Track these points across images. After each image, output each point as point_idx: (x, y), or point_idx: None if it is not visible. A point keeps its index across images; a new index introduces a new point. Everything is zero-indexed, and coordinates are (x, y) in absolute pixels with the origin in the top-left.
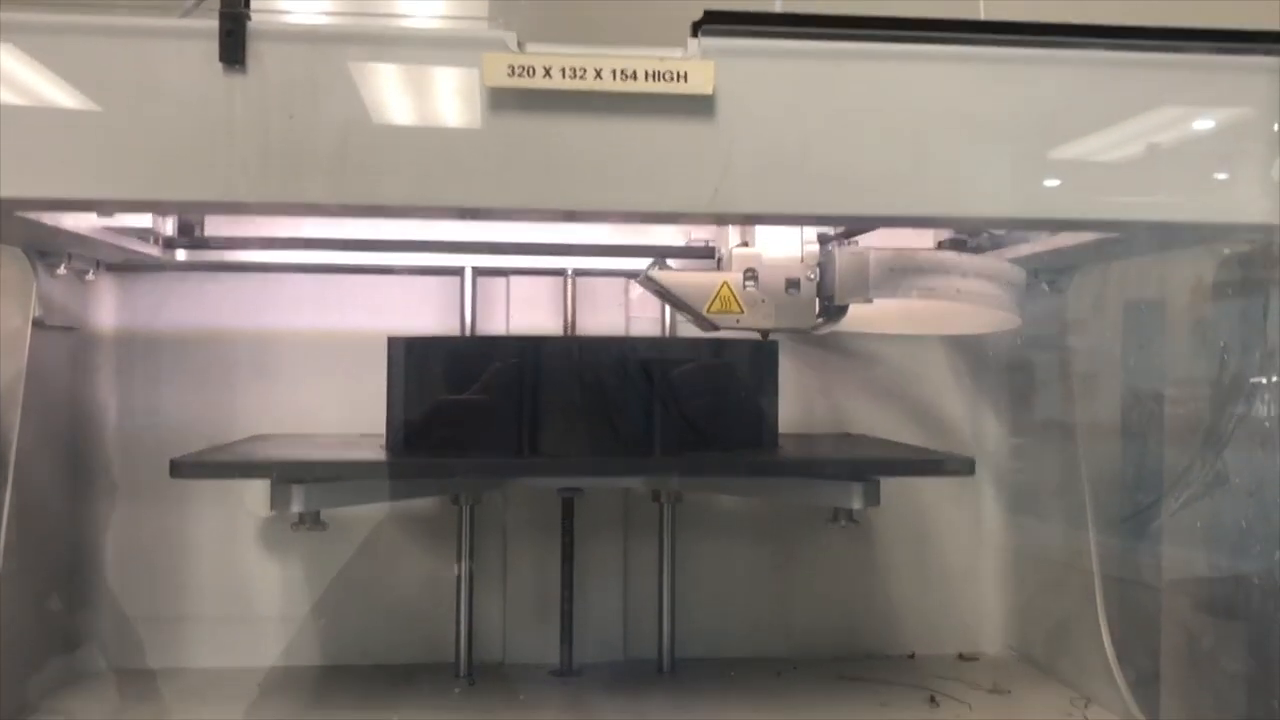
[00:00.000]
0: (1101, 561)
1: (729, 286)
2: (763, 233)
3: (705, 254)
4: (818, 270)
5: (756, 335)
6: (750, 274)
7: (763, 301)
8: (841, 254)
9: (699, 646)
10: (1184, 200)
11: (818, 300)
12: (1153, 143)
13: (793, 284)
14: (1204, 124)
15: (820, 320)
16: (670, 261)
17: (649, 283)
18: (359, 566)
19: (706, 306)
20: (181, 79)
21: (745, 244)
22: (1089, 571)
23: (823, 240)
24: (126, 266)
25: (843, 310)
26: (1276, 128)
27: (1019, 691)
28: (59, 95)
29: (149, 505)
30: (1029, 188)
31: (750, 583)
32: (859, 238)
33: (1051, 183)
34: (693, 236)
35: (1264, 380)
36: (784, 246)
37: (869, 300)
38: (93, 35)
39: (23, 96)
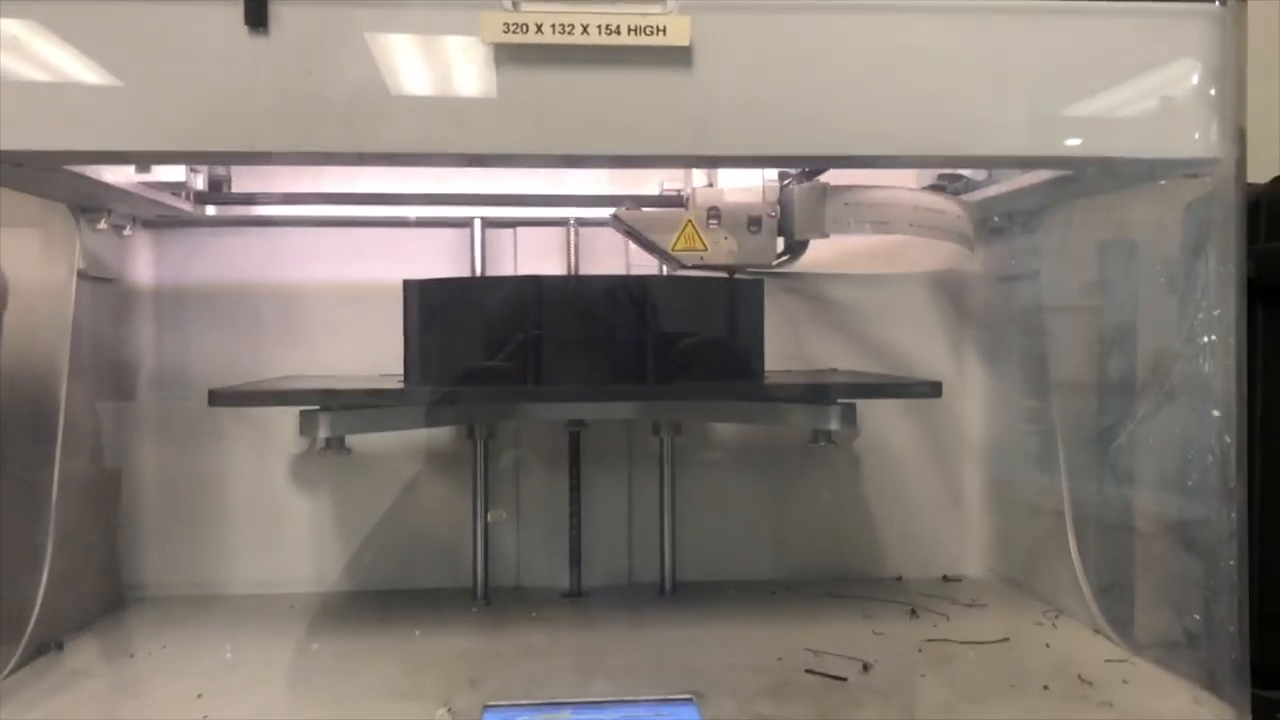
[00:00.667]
0: (1071, 484)
1: (693, 224)
2: (726, 174)
3: (676, 201)
4: (778, 208)
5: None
6: (714, 212)
7: (725, 238)
8: (800, 190)
9: (698, 571)
10: (1131, 138)
11: (780, 238)
12: (1104, 86)
13: (754, 221)
14: (1150, 68)
15: (785, 257)
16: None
17: (617, 222)
18: (382, 499)
19: (671, 244)
20: (210, 40)
21: (710, 184)
22: (1061, 496)
23: (783, 179)
24: (160, 222)
25: (803, 246)
26: (1211, 76)
27: (995, 607)
28: (101, 57)
29: (184, 444)
30: (989, 128)
31: (745, 512)
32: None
33: (1010, 123)
34: (665, 187)
35: (1203, 308)
36: (745, 185)
37: (826, 235)
38: (132, 1)
39: (69, 59)
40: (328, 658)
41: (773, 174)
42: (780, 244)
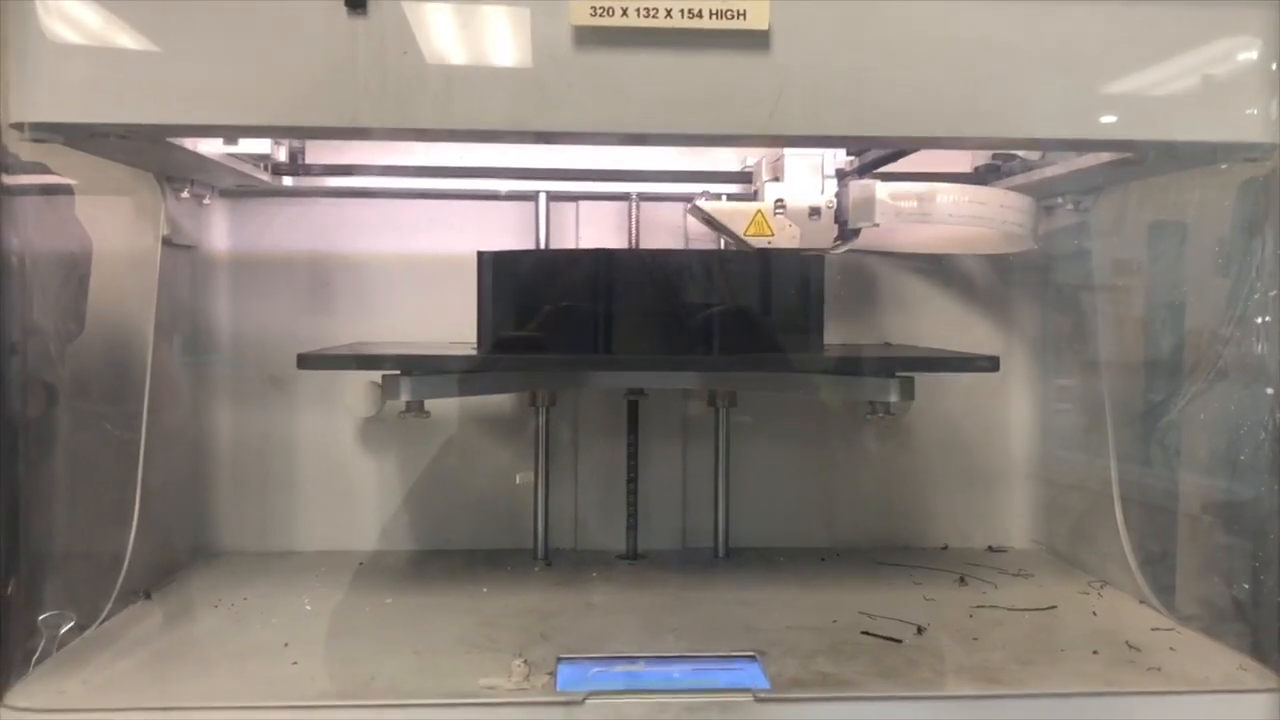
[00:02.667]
0: (1119, 460)
1: (762, 213)
2: (790, 170)
3: (744, 178)
4: (835, 200)
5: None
6: (780, 204)
7: (790, 226)
8: (853, 186)
9: (750, 537)
10: (1193, 122)
11: (836, 225)
12: (1166, 71)
13: (815, 211)
14: (1210, 53)
15: (839, 241)
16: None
17: (697, 211)
18: (447, 463)
19: (744, 230)
20: (314, 23)
21: (776, 179)
22: (1109, 470)
23: (840, 175)
24: (237, 192)
25: (855, 233)
26: (1274, 60)
27: (1041, 576)
28: (210, 36)
29: (258, 407)
30: (1056, 112)
31: (796, 481)
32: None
33: (1074, 107)
34: (747, 164)
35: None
36: (808, 181)
37: (876, 225)
38: None
39: (179, 39)
40: (401, 611)
41: (831, 169)
42: (836, 230)
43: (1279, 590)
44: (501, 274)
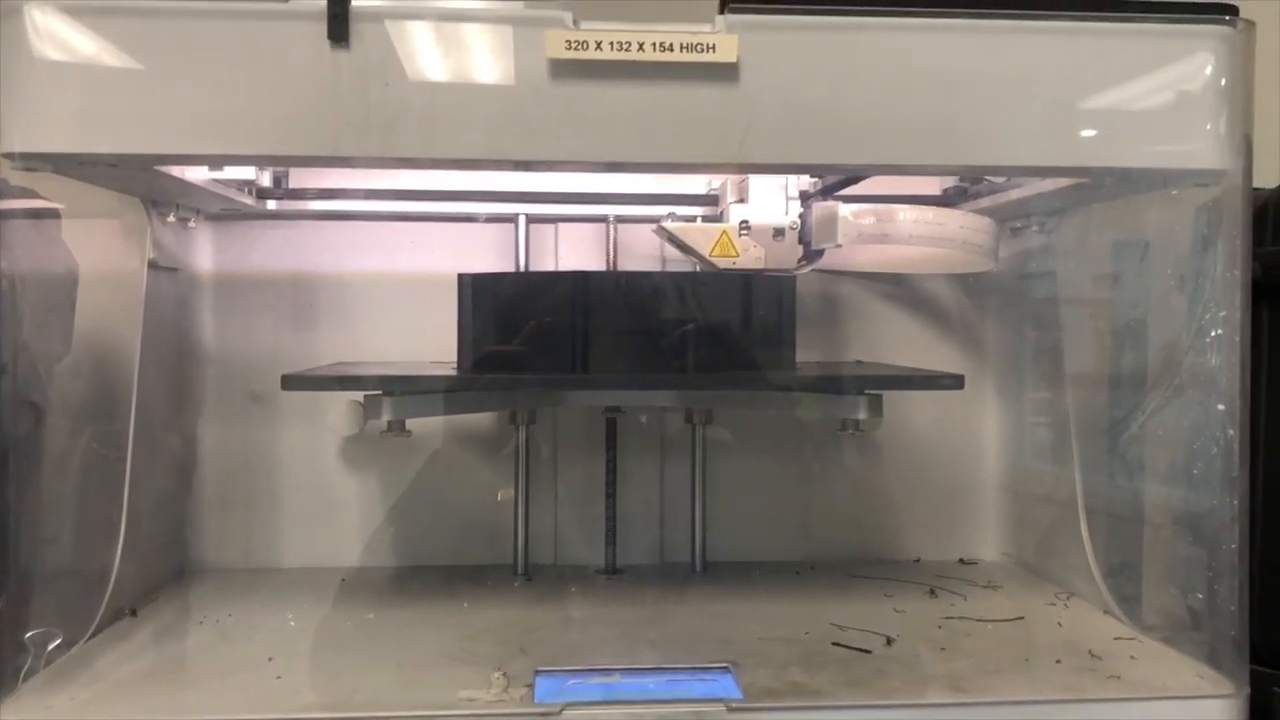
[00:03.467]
0: (1084, 474)
1: (727, 234)
2: (755, 191)
3: (714, 200)
4: (799, 221)
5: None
6: (745, 225)
7: (754, 247)
8: (816, 207)
9: (726, 551)
10: (1146, 149)
11: (801, 245)
12: (1120, 100)
13: (779, 232)
14: (1161, 84)
15: (803, 261)
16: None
17: (662, 231)
18: (428, 479)
19: (709, 250)
20: (297, 54)
21: (742, 200)
22: (1074, 484)
23: (803, 197)
24: (221, 215)
25: (819, 253)
26: (1220, 89)
27: (1010, 588)
28: (200, 70)
29: (242, 425)
30: (1016, 140)
31: (772, 496)
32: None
33: (1031, 135)
34: (712, 187)
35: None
36: (772, 202)
37: (838, 245)
38: (225, 18)
39: (171, 71)
40: (384, 626)
41: (794, 191)
42: (801, 250)
43: (1233, 600)
44: (481, 295)
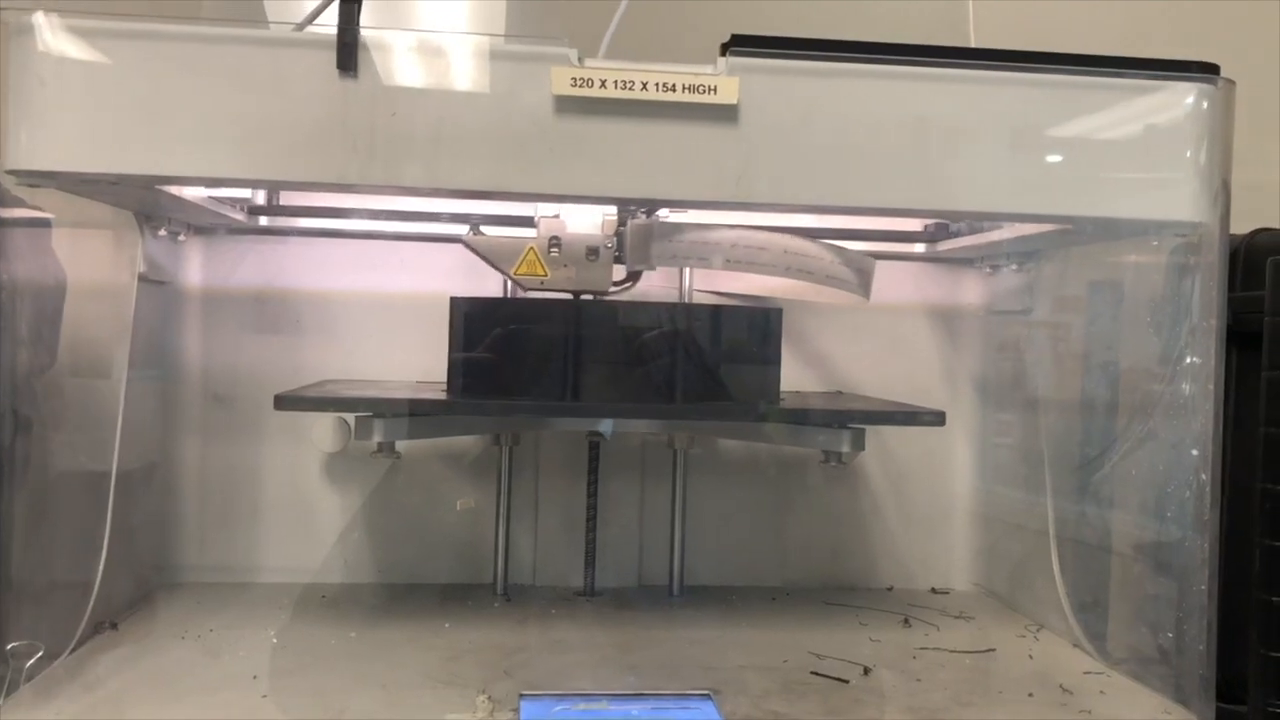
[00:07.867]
0: (1056, 509)
1: (534, 251)
2: (574, 208)
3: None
4: (615, 239)
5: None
6: (555, 241)
7: (565, 266)
8: (631, 225)
9: (704, 575)
10: (1126, 200)
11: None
12: (1103, 152)
13: (592, 251)
14: (1143, 137)
15: (627, 283)
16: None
17: (466, 247)
18: (409, 498)
19: (514, 269)
20: (305, 81)
21: (556, 216)
22: (1046, 518)
23: (623, 214)
24: (211, 230)
25: (637, 275)
26: (1197, 143)
27: (981, 619)
28: (207, 95)
29: (226, 441)
30: (1001, 186)
31: (749, 522)
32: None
33: (1019, 182)
34: None
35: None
36: (588, 217)
37: (653, 267)
38: (235, 43)
39: (179, 95)
40: (367, 645)
41: (612, 207)
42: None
43: (1201, 639)
44: (473, 319)
